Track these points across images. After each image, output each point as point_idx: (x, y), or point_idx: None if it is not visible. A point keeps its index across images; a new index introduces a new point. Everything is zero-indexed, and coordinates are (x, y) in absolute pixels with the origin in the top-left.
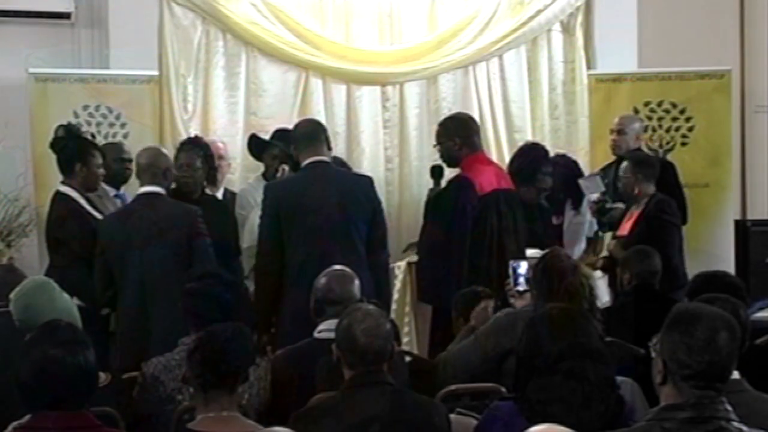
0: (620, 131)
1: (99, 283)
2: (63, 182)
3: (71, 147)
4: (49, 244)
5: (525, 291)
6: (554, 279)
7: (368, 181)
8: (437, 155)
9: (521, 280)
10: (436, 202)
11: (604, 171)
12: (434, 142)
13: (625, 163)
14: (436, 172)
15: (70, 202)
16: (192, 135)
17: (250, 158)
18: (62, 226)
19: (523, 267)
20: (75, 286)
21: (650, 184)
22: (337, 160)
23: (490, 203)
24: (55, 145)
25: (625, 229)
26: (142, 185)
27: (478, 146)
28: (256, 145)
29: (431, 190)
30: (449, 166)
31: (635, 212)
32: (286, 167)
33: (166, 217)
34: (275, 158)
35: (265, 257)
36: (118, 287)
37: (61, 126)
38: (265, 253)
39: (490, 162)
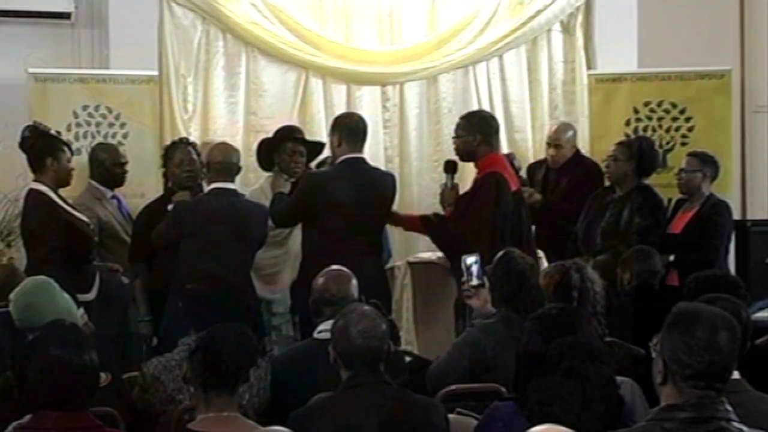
0: (557, 145)
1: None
2: (35, 180)
3: (41, 144)
4: (25, 240)
5: (480, 285)
6: (514, 283)
7: (394, 179)
8: (437, 155)
9: (475, 274)
10: (474, 195)
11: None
12: (453, 134)
13: (689, 158)
14: (450, 167)
15: (42, 196)
16: (188, 136)
17: (250, 158)
18: (35, 219)
19: (473, 260)
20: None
21: (710, 184)
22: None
23: (518, 202)
24: (23, 144)
25: (678, 227)
26: (212, 181)
27: (495, 146)
28: (266, 147)
29: (444, 184)
30: (463, 160)
31: (690, 212)
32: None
33: (245, 214)
34: (295, 154)
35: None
36: None
37: (27, 126)
38: (280, 222)
39: (506, 163)
